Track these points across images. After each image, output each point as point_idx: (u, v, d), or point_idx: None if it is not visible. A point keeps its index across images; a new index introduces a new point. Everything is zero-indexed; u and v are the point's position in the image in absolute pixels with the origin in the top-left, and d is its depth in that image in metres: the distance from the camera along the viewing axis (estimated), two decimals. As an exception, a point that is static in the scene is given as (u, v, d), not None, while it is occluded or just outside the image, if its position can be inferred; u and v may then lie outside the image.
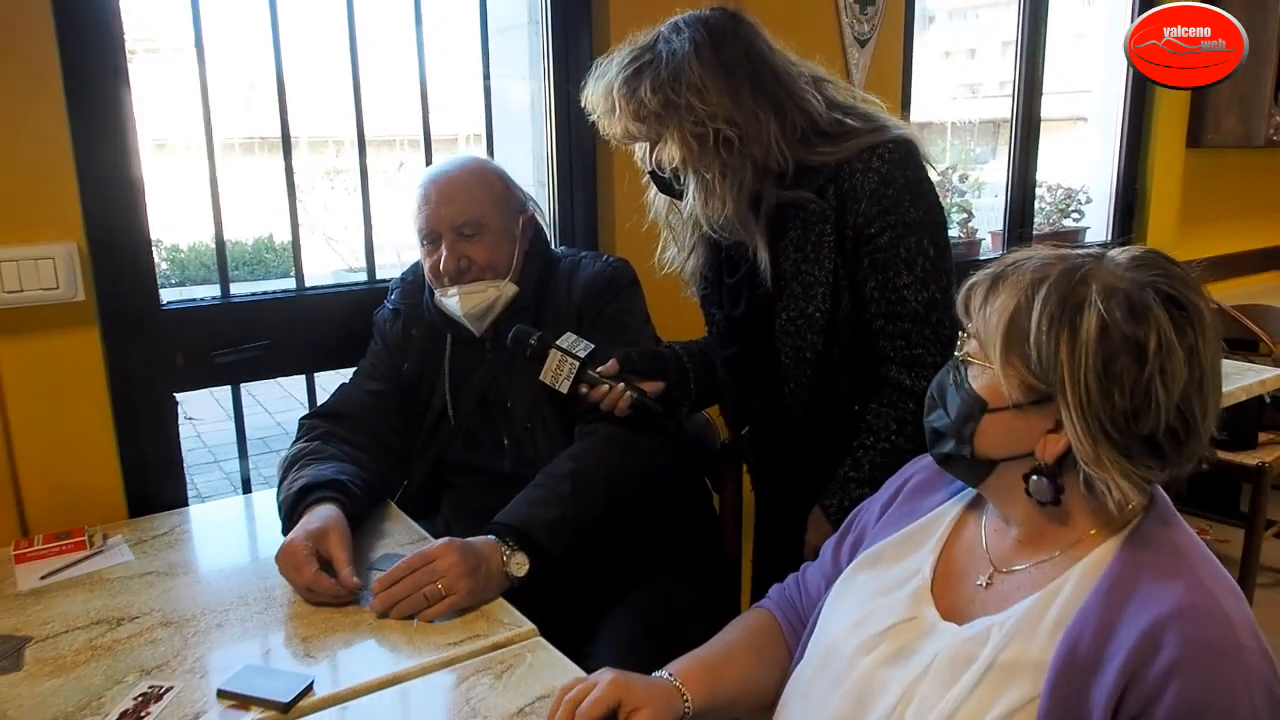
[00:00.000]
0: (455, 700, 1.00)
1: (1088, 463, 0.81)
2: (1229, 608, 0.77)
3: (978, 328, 0.87)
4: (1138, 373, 0.78)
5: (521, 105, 2.12)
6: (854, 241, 1.30)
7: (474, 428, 1.54)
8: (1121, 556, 0.83)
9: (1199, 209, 3.39)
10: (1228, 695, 0.74)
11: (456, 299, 1.47)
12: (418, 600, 1.15)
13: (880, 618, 0.94)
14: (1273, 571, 2.90)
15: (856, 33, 2.23)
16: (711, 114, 1.24)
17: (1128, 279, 0.81)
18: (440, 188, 1.50)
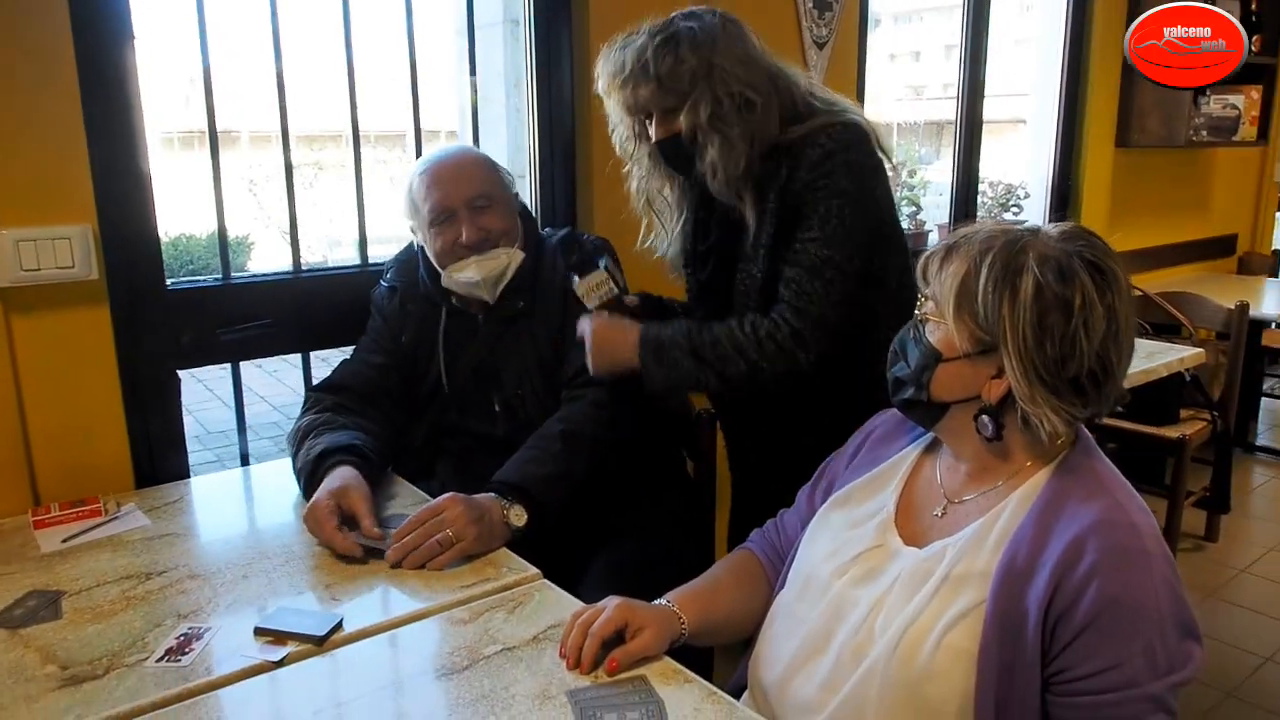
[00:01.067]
0: (475, 631, 1.12)
1: (1024, 401, 0.96)
2: (1138, 520, 0.93)
3: (934, 290, 1.02)
4: (1065, 325, 0.94)
5: (495, 101, 2.22)
6: (793, 208, 1.42)
7: (468, 395, 1.64)
8: (1051, 483, 0.99)
9: (1127, 204, 3.62)
10: (1137, 590, 0.89)
11: (474, 268, 1.56)
12: (431, 548, 1.26)
13: (851, 547, 1.09)
14: (1193, 538, 3.12)
15: (815, 36, 2.38)
16: (739, 77, 1.41)
17: (1058, 248, 0.96)
18: (445, 168, 1.60)
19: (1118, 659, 0.89)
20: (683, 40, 1.40)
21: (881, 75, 14.66)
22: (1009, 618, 0.93)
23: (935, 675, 0.95)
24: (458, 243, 1.56)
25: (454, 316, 1.64)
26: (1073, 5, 3.28)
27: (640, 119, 1.49)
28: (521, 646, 1.08)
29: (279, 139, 1.83)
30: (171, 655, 1.07)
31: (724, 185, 1.45)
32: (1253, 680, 2.34)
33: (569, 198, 2.10)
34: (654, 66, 1.39)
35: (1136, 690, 0.89)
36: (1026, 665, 0.92)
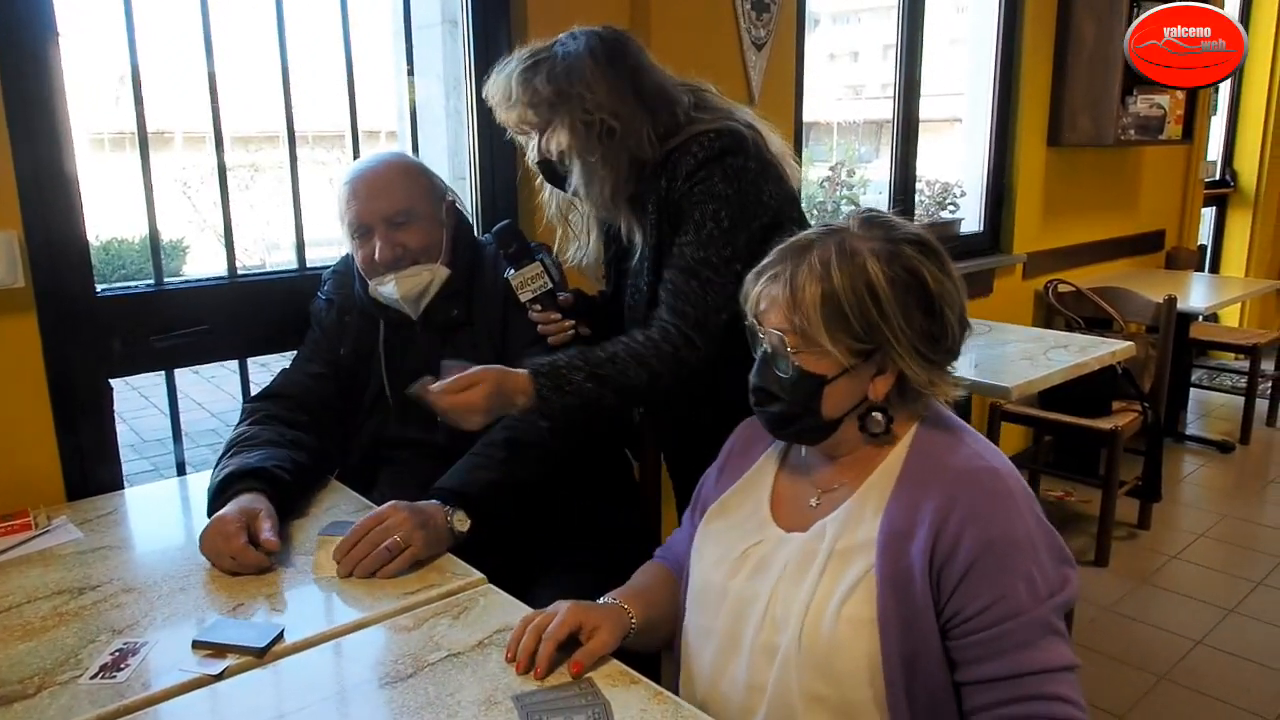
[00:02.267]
0: (419, 638, 1.11)
1: (922, 386, 1.05)
2: (997, 465, 1.03)
3: (797, 323, 1.03)
4: (930, 305, 1.03)
5: (435, 102, 2.20)
6: (671, 217, 1.44)
7: (410, 405, 1.62)
8: (913, 448, 1.07)
9: (1059, 202, 3.73)
10: (1008, 528, 0.98)
11: (393, 284, 1.55)
12: (380, 555, 1.24)
13: (735, 547, 1.13)
14: (1127, 526, 3.23)
15: (754, 37, 2.40)
16: (598, 104, 1.40)
17: (877, 241, 1.04)
18: (367, 182, 1.57)
19: (1001, 592, 0.96)
20: (543, 67, 1.40)
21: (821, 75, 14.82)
22: (898, 577, 0.99)
23: (841, 647, 0.99)
24: (374, 258, 1.55)
25: (393, 327, 1.62)
26: (1004, 6, 3.36)
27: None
28: (466, 652, 1.07)
29: (210, 139, 1.79)
30: (106, 672, 1.04)
31: (594, 208, 1.50)
32: (1185, 664, 2.43)
33: (510, 200, 2.09)
34: (515, 92, 1.41)
35: (1024, 617, 0.96)
36: (922, 618, 0.98)
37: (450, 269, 1.60)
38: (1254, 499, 3.62)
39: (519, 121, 1.45)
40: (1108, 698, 2.25)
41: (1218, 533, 3.26)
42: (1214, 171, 5.21)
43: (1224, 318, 5.29)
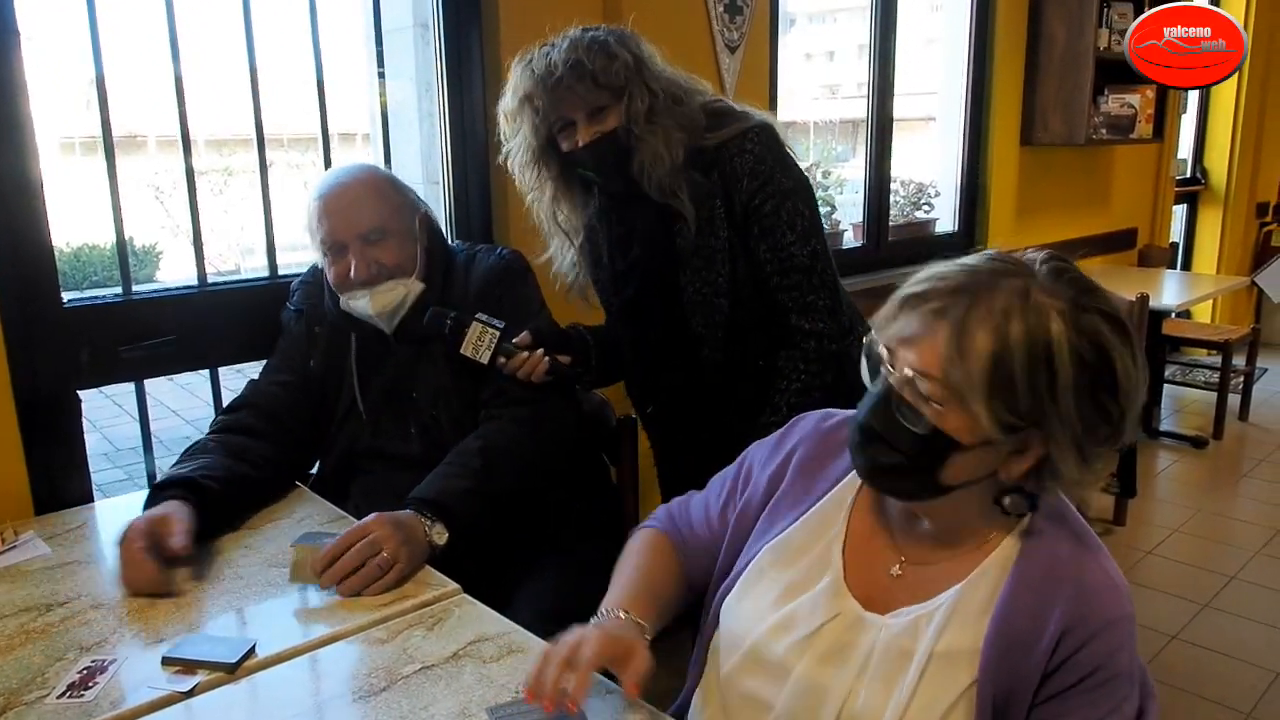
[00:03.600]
0: (392, 650, 1.10)
1: (1068, 486, 0.90)
2: (1122, 585, 0.91)
3: (953, 376, 0.85)
4: (1110, 397, 0.86)
5: (407, 105, 2.19)
6: (742, 214, 1.49)
7: (382, 418, 1.61)
8: (1029, 545, 0.92)
9: (1032, 201, 3.76)
10: (1120, 655, 0.88)
11: (366, 300, 1.54)
12: (370, 571, 1.22)
13: (804, 619, 0.97)
14: (1103, 522, 3.25)
15: (727, 40, 2.40)
16: (661, 80, 1.47)
17: (1067, 302, 0.85)
18: (338, 198, 1.55)
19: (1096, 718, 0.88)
20: (611, 40, 1.45)
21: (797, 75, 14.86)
22: (1002, 695, 0.88)
23: None
24: (349, 276, 1.53)
25: (365, 340, 1.61)
26: (975, 7, 3.39)
27: (552, 131, 1.48)
28: (441, 664, 1.07)
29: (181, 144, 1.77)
30: (74, 691, 1.03)
31: (660, 181, 1.47)
32: (1160, 659, 2.45)
33: (484, 203, 2.08)
34: (589, 63, 1.41)
35: None
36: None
37: (424, 283, 1.58)
38: (1227, 493, 3.67)
39: (580, 97, 1.43)
40: (1085, 693, 2.27)
41: (1192, 528, 3.30)
42: (1185, 170, 5.28)
43: (1197, 314, 5.35)
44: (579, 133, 1.46)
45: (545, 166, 1.53)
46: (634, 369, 1.69)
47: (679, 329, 1.55)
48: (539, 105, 1.45)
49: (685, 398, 1.62)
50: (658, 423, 1.74)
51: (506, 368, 1.52)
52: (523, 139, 1.50)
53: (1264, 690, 2.30)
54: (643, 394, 1.72)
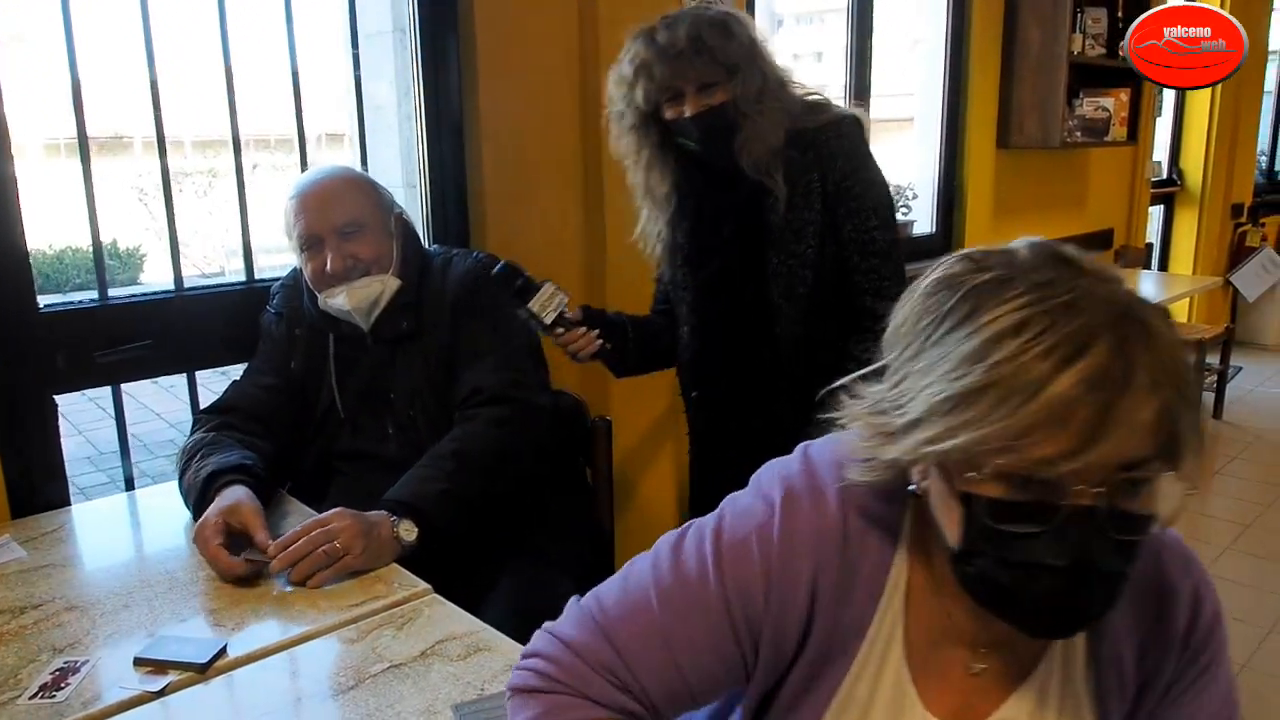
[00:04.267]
0: (362, 650, 1.12)
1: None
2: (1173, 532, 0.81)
3: (1158, 439, 0.65)
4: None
5: (387, 109, 2.21)
6: (834, 193, 1.57)
7: (360, 419, 1.64)
8: None
9: (1008, 203, 3.80)
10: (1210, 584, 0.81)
11: (343, 296, 1.56)
12: (317, 558, 1.25)
13: None
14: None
15: (703, 44, 2.43)
16: (770, 65, 1.56)
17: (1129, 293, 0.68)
18: (315, 194, 1.58)
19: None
20: (730, 20, 1.54)
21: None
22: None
23: None
24: (325, 270, 1.55)
25: (343, 340, 1.63)
26: (952, 12, 3.42)
27: (661, 100, 1.54)
28: (409, 663, 1.09)
29: (173, 145, 1.79)
30: (46, 691, 1.04)
31: (759, 159, 1.54)
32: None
33: (461, 207, 2.10)
34: (708, 39, 1.49)
35: None
36: None
37: (401, 280, 1.61)
38: (1201, 490, 3.72)
39: (698, 71, 1.50)
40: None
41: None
42: (1161, 171, 5.33)
43: (1173, 313, 5.41)
44: (687, 103, 1.53)
45: (646, 134, 1.60)
46: (693, 350, 1.73)
47: (756, 306, 1.61)
48: (656, 74, 1.50)
49: (744, 380, 1.68)
50: (707, 408, 1.77)
51: (562, 339, 1.58)
52: (631, 106, 1.56)
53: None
54: (697, 377, 1.76)
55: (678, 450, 2.54)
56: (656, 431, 2.48)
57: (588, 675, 0.81)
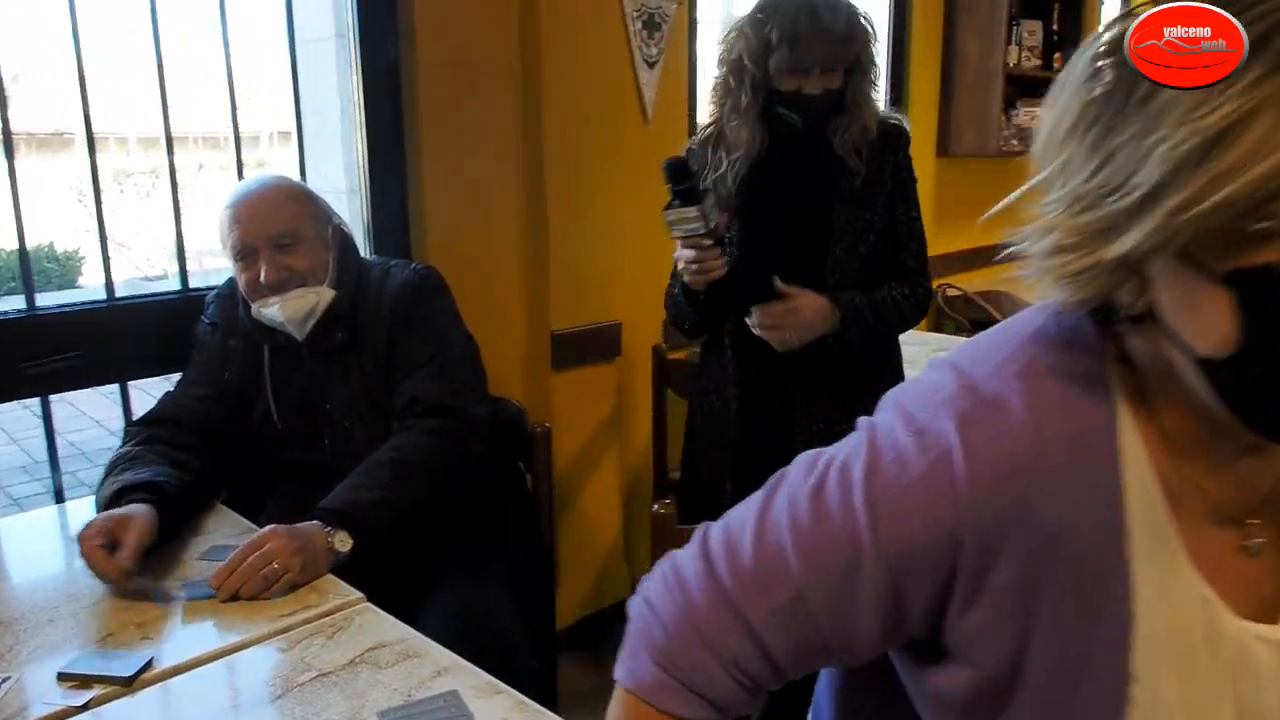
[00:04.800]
0: (291, 659, 1.12)
1: None
2: None
3: None
4: None
5: (330, 115, 2.21)
6: (897, 180, 1.77)
7: (296, 429, 1.64)
8: None
9: (949, 210, 3.88)
10: None
11: (277, 307, 1.56)
12: (257, 583, 1.25)
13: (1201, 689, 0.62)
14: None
15: (645, 55, 2.46)
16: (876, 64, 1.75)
17: None
18: (250, 204, 1.58)
19: None
20: (870, 21, 1.72)
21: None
22: None
23: None
24: (259, 281, 1.55)
25: (278, 351, 1.63)
26: (892, 25, 3.50)
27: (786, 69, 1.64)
28: (336, 671, 1.10)
29: (118, 142, 1.76)
30: (-35, 708, 1.03)
31: (853, 141, 1.71)
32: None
33: (402, 216, 2.10)
34: (859, 34, 1.67)
35: None
36: None
37: (336, 291, 1.61)
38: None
39: (838, 52, 1.64)
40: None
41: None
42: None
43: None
44: (811, 80, 1.66)
45: (753, 93, 1.68)
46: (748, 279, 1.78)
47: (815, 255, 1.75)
48: (806, 48, 1.61)
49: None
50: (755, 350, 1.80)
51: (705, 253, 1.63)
52: (757, 61, 1.65)
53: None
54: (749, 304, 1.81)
55: (621, 457, 2.58)
56: (600, 439, 2.51)
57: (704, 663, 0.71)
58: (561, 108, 2.25)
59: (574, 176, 2.30)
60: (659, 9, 2.47)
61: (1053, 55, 4.07)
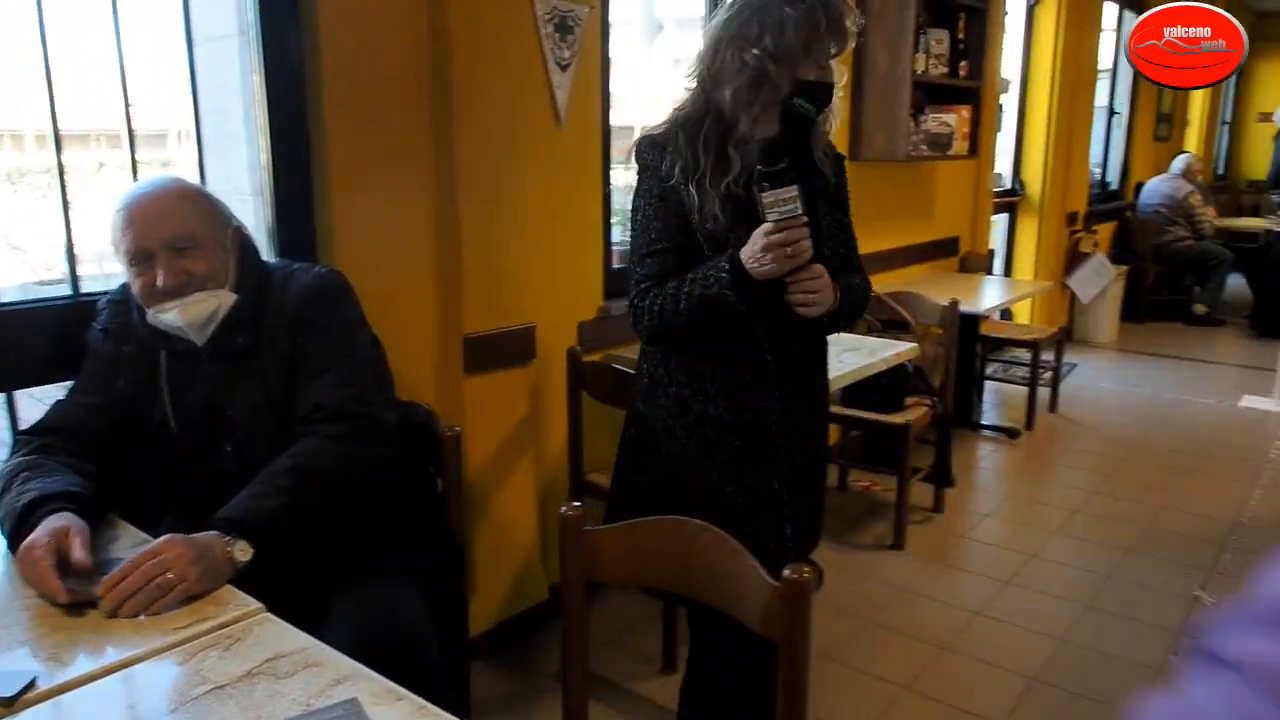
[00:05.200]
0: (184, 673, 1.10)
1: None
2: None
3: None
4: None
5: (233, 115, 2.16)
6: (838, 185, 1.83)
7: (196, 437, 1.60)
8: None
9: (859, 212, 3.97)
10: None
11: (175, 312, 1.52)
12: (150, 592, 1.22)
13: None
14: (923, 510, 3.50)
15: (558, 58, 2.47)
16: None
17: None
18: (144, 207, 1.53)
19: None
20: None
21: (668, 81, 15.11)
22: None
23: None
24: (156, 286, 1.51)
25: (175, 357, 1.59)
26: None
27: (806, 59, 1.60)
28: (233, 683, 1.08)
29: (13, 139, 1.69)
30: None
31: (824, 141, 1.73)
32: (964, 633, 2.67)
33: (307, 218, 2.07)
34: (857, 33, 1.66)
35: None
36: None
37: (237, 295, 1.58)
38: (1035, 479, 4.01)
39: (843, 50, 1.65)
40: (895, 670, 2.45)
41: (1002, 512, 3.60)
42: (1004, 182, 5.70)
43: (1018, 315, 5.80)
44: (827, 70, 1.62)
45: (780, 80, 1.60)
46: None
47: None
48: (839, 44, 1.61)
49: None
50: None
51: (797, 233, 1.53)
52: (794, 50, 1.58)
53: (1050, 655, 2.54)
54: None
55: (537, 459, 2.58)
56: (515, 442, 2.51)
57: None
58: (473, 109, 2.24)
59: (486, 178, 2.30)
60: (571, 12, 2.48)
61: (959, 63, 4.21)
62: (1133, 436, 4.46)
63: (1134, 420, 4.72)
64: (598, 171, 2.66)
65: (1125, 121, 7.24)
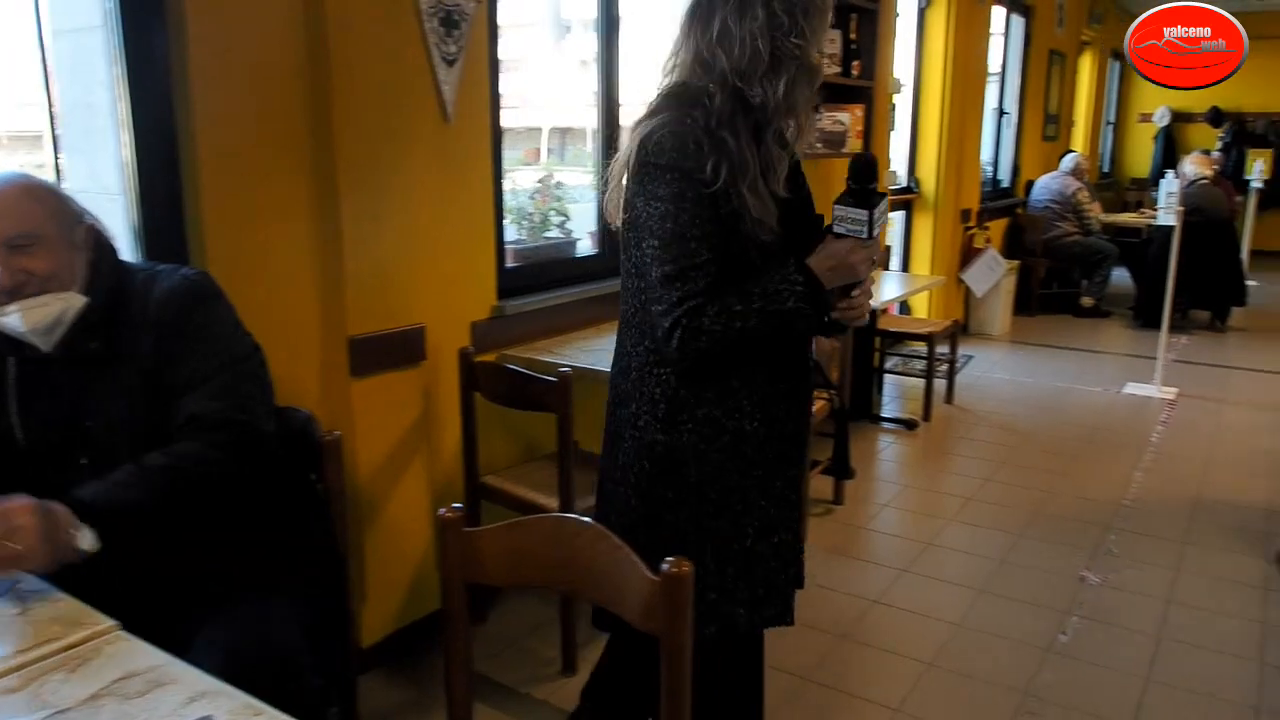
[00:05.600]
0: (22, 699, 1.03)
1: None
2: None
3: None
4: None
5: (99, 110, 2.05)
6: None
7: (49, 450, 1.51)
8: None
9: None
10: None
11: (18, 316, 1.43)
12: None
13: None
14: (824, 503, 3.56)
15: (444, 54, 2.42)
16: None
17: None
18: None
19: None
20: None
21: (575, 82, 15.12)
22: None
23: None
24: None
25: (25, 364, 1.50)
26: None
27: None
28: (76, 707, 1.01)
29: None
30: None
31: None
32: (862, 622, 2.73)
33: (175, 218, 1.98)
34: None
35: None
36: None
37: (88, 297, 1.49)
38: (932, 469, 4.13)
39: None
40: (795, 661, 2.48)
41: (900, 502, 3.69)
42: (899, 180, 5.86)
43: (915, 310, 5.97)
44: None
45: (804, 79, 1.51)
46: None
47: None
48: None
49: None
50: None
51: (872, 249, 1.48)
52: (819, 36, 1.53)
53: (945, 641, 2.61)
54: None
55: (429, 463, 2.52)
56: (406, 445, 2.45)
57: None
58: (352, 104, 2.18)
59: (369, 175, 2.24)
60: (457, 6, 2.44)
61: (851, 63, 4.31)
62: (1024, 425, 4.63)
63: (1026, 409, 4.91)
64: (489, 170, 2.62)
65: (1015, 121, 7.54)
